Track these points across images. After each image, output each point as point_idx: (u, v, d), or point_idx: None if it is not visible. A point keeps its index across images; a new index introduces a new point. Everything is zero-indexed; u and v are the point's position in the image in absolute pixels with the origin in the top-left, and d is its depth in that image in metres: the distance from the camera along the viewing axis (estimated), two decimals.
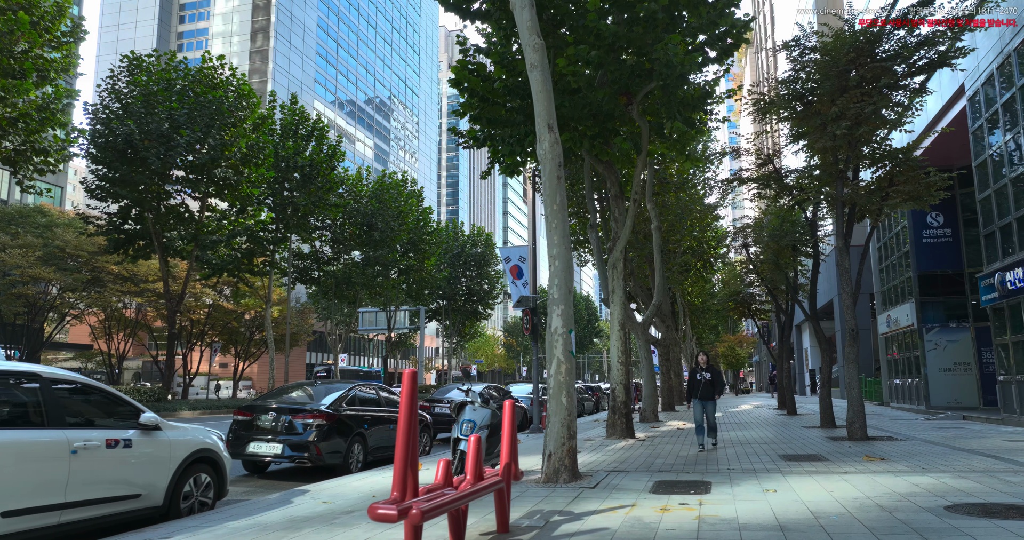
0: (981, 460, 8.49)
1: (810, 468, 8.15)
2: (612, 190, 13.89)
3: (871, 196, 12.10)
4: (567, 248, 8.11)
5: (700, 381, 10.66)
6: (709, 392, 10.58)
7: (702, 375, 10.65)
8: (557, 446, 7.47)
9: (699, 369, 10.73)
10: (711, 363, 10.79)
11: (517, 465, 5.29)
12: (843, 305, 12.20)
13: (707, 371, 10.65)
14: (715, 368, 10.71)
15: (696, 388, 10.70)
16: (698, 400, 10.67)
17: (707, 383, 10.61)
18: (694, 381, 10.74)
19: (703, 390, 10.61)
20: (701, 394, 10.64)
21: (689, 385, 10.87)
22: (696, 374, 10.71)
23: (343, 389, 10.02)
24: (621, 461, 9.36)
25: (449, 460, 4.68)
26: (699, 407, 10.59)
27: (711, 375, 10.63)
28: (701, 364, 10.76)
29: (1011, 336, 14.52)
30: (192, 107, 24.51)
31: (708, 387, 10.60)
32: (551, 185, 8.18)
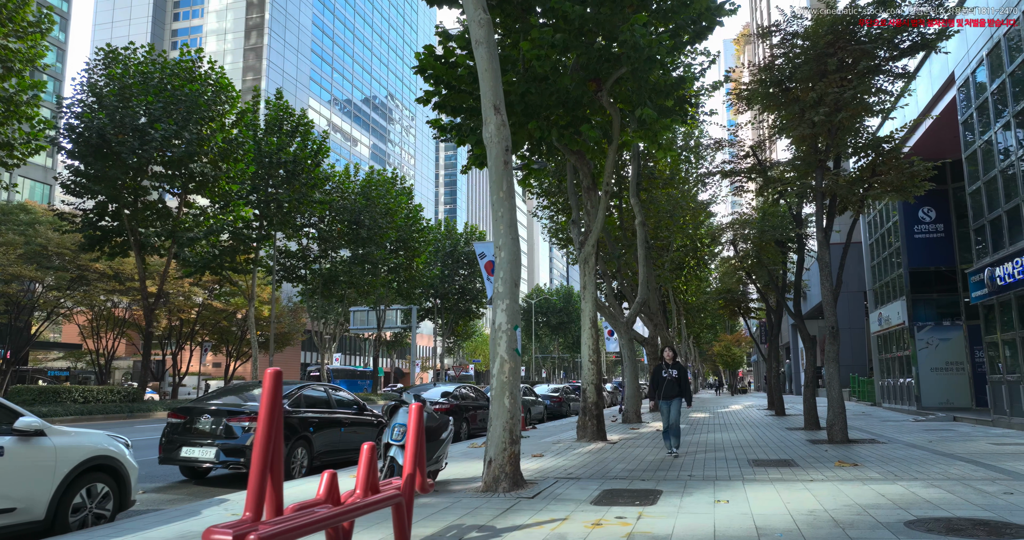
0: (960, 466, 7.92)
1: (776, 475, 7.58)
2: (584, 181, 13.32)
3: (852, 187, 11.53)
4: (514, 239, 7.55)
5: (665, 378, 9.68)
6: (675, 391, 9.64)
7: (668, 372, 9.68)
8: (497, 452, 6.91)
9: (664, 366, 9.79)
10: (678, 360, 9.90)
11: (424, 475, 4.73)
12: (824, 302, 11.63)
13: (673, 368, 9.72)
14: (682, 365, 9.80)
15: (660, 386, 9.73)
16: (663, 400, 9.73)
17: (672, 381, 9.66)
18: (658, 379, 9.77)
19: (667, 388, 9.65)
20: (665, 393, 9.68)
21: (652, 383, 9.96)
22: (661, 371, 9.77)
23: (290, 390, 9.46)
24: (580, 466, 8.80)
25: (335, 472, 4.12)
26: (666, 407, 9.68)
27: (677, 372, 9.68)
28: (667, 360, 9.81)
29: (1001, 334, 13.94)
30: (168, 101, 23.97)
31: (674, 385, 9.66)
32: (497, 171, 7.61)
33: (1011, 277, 12.82)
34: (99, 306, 39.26)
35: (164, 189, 26.04)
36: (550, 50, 11.00)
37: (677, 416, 9.66)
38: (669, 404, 9.69)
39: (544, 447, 11.74)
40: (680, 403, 9.67)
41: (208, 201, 27.59)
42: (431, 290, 51.36)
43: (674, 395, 9.65)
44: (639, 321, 28.41)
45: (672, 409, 9.66)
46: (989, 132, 14.08)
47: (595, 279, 12.90)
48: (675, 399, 9.65)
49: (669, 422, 9.63)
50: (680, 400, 9.66)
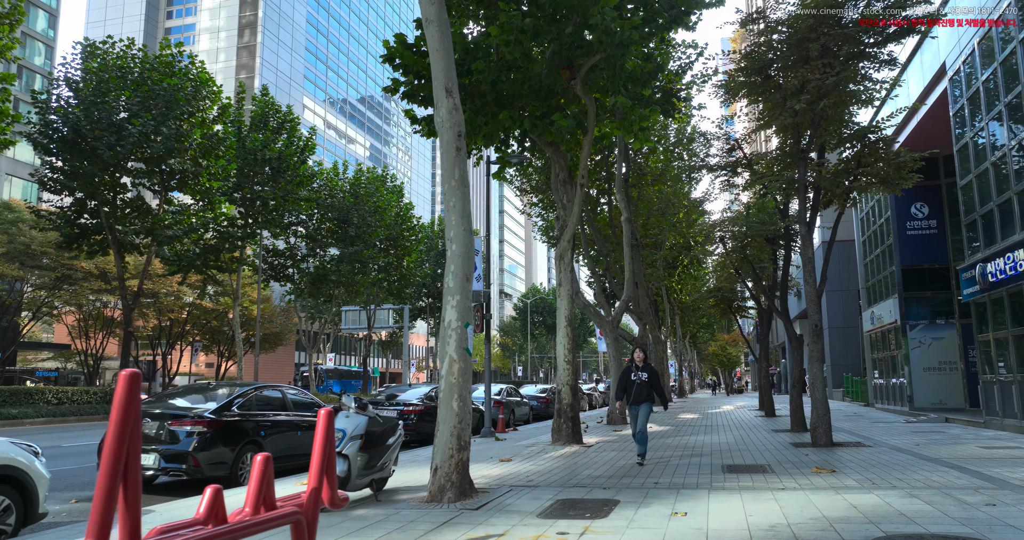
0: (944, 473, 7.44)
1: (747, 483, 7.10)
2: (560, 174, 12.84)
3: (837, 179, 11.04)
4: (467, 231, 7.07)
5: (634, 382, 8.85)
6: (644, 394, 8.81)
7: (637, 375, 8.86)
8: (444, 459, 6.42)
9: (634, 367, 8.97)
10: (649, 361, 9.36)
11: (334, 489, 4.24)
12: (807, 299, 11.14)
13: (643, 370, 8.92)
14: (652, 367, 8.99)
15: (629, 390, 8.93)
16: (631, 405, 8.90)
17: (642, 384, 8.84)
18: (626, 381, 8.96)
19: (636, 392, 8.82)
20: (635, 397, 8.84)
21: (620, 385, 9.12)
22: (630, 373, 8.95)
23: (240, 391, 8.98)
24: (544, 472, 8.32)
25: (219, 488, 3.63)
26: (634, 413, 8.86)
27: (648, 375, 8.88)
28: (636, 361, 8.99)
29: (993, 332, 13.46)
30: (147, 96, 23.47)
31: (643, 389, 8.84)
32: (449, 158, 7.13)
33: (1003, 273, 12.34)
34: (88, 306, 38.78)
35: (145, 186, 25.53)
36: (520, 36, 10.52)
37: (645, 421, 8.92)
38: (638, 409, 8.89)
39: (516, 450, 11.27)
40: (650, 408, 8.91)
41: (190, 198, 27.11)
42: (423, 289, 50.87)
43: (643, 399, 8.87)
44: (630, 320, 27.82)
45: (640, 414, 8.89)
46: (980, 123, 13.60)
47: (572, 275, 12.42)
48: (644, 404, 8.88)
49: (639, 427, 8.96)
50: (649, 405, 8.90)
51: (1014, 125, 12.30)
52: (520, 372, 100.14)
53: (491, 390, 15.30)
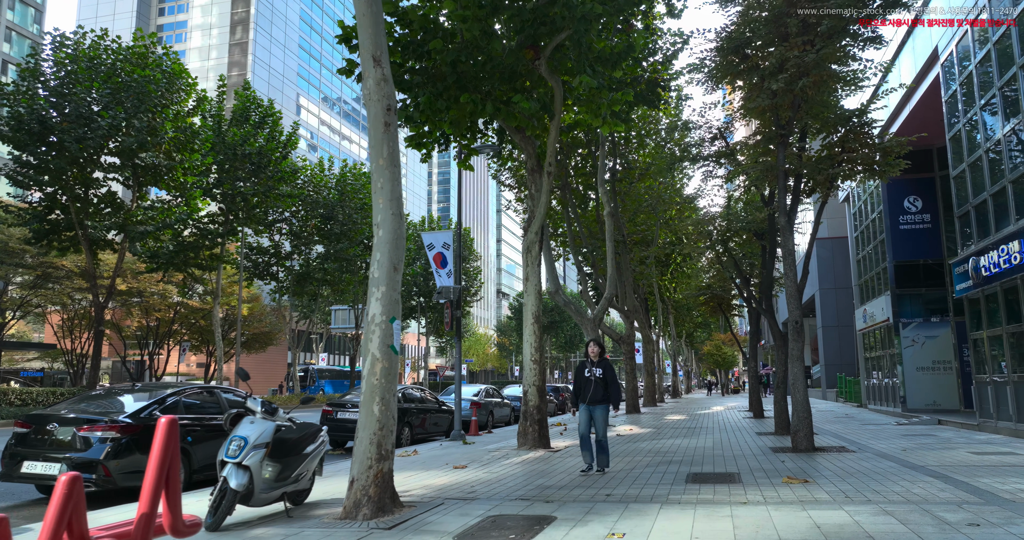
0: (927, 484, 6.73)
1: (708, 495, 6.39)
2: (528, 163, 12.14)
3: (819, 165, 10.33)
4: (396, 215, 6.36)
5: (590, 379, 7.96)
6: (600, 393, 7.89)
7: (591, 371, 7.97)
8: (361, 470, 5.71)
9: (589, 363, 8.08)
10: (605, 356, 8.27)
11: (177, 515, 3.52)
12: (787, 294, 10.44)
13: (599, 366, 8.01)
14: (609, 363, 8.11)
15: (585, 388, 8.01)
16: (585, 405, 7.99)
17: (598, 382, 7.92)
18: (581, 379, 8.06)
19: (593, 391, 7.91)
20: (591, 397, 7.93)
21: (575, 384, 8.17)
22: (584, 370, 8.05)
23: (166, 393, 8.27)
24: (493, 482, 7.61)
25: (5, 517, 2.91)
26: (585, 414, 7.99)
27: (603, 371, 7.96)
28: (592, 357, 8.11)
29: (987, 330, 12.74)
30: (118, 88, 22.76)
31: (599, 388, 7.90)
32: (377, 134, 6.42)
33: (996, 267, 11.62)
34: (73, 304, 38.10)
35: (118, 180, 24.81)
36: (477, 11, 9.83)
37: (604, 426, 7.99)
38: (592, 410, 7.98)
39: (477, 456, 10.56)
40: (607, 410, 7.99)
41: (165, 194, 26.40)
42: (413, 288, 50.18)
43: (600, 400, 7.93)
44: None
45: (597, 416, 7.94)
46: (973, 109, 12.88)
47: (543, 269, 11.71)
48: (601, 405, 7.93)
49: (598, 435, 8.03)
50: (607, 406, 7.98)
51: (1008, 110, 11.59)
52: (517, 372, 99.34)
53: (461, 391, 14.59)
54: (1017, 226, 11.10)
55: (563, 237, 27.85)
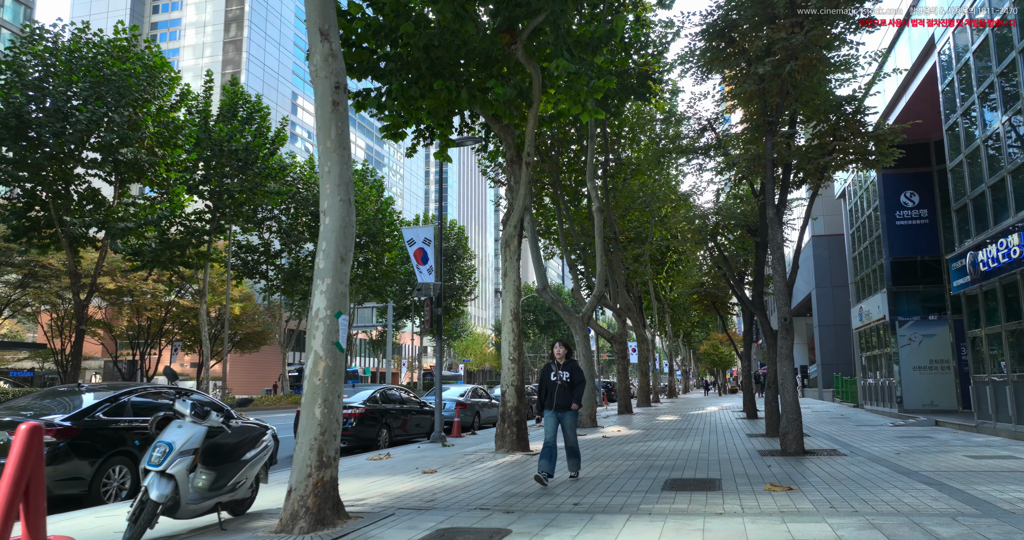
0: (920, 492, 6.24)
1: (682, 504, 5.91)
2: (508, 153, 11.66)
3: (808, 154, 9.84)
4: (344, 201, 5.87)
5: (555, 383, 7.35)
6: (566, 398, 7.26)
7: (557, 374, 7.37)
8: (300, 479, 5.22)
9: (554, 366, 7.48)
10: (573, 357, 7.66)
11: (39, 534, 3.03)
12: (775, 289, 9.95)
13: (565, 368, 7.41)
14: (576, 364, 7.47)
15: (550, 393, 7.37)
16: (550, 411, 7.34)
17: (564, 386, 7.30)
18: (547, 382, 7.46)
19: (560, 396, 7.28)
20: (557, 401, 7.28)
21: (540, 389, 7.56)
22: (550, 373, 7.47)
23: (111, 394, 7.78)
24: (457, 489, 7.13)
25: None
26: (552, 421, 7.31)
27: (570, 374, 7.37)
28: (557, 358, 7.49)
29: (985, 328, 12.25)
30: (98, 81, 22.27)
31: (565, 392, 7.28)
32: (324, 114, 5.94)
33: (995, 261, 11.14)
34: (63, 304, 37.62)
35: (100, 176, 24.31)
36: None
37: (574, 433, 7.39)
38: (560, 417, 7.31)
39: (451, 459, 10.08)
40: (576, 416, 7.37)
41: (149, 190, 25.90)
42: (407, 287, 49.66)
43: (567, 405, 7.26)
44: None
45: (566, 423, 7.28)
46: (971, 98, 12.39)
47: (518, 265, 11.23)
48: (569, 412, 7.28)
49: (568, 442, 7.44)
50: (576, 413, 7.36)
51: (1007, 99, 11.10)
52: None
53: (441, 391, 14.10)
54: (1016, 218, 10.62)
55: (555, 235, 27.44)
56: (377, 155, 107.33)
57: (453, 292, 50.64)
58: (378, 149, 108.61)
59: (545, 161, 22.04)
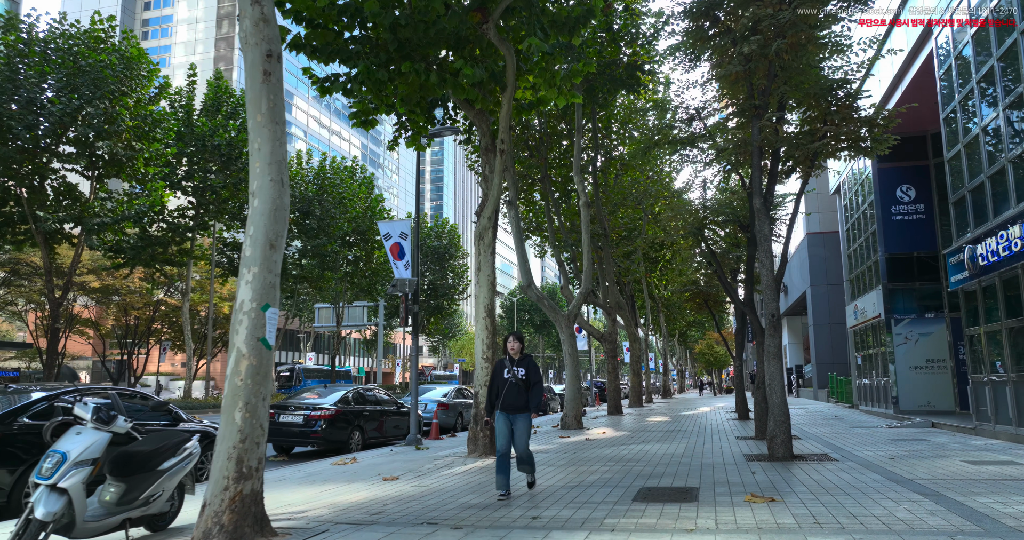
0: (914, 505, 5.66)
1: (651, 518, 5.33)
2: (482, 141, 11.07)
3: (797, 140, 9.27)
4: (276, 181, 5.28)
5: (507, 381, 6.42)
6: (520, 398, 6.34)
7: (511, 371, 6.46)
8: (215, 492, 4.62)
9: (508, 361, 6.56)
10: (529, 354, 6.88)
11: None
12: (763, 284, 9.38)
13: (520, 364, 6.52)
14: (533, 361, 6.61)
15: (501, 392, 6.43)
16: (502, 412, 6.40)
17: (518, 385, 6.38)
18: (498, 380, 6.53)
19: (508, 395, 6.35)
20: (506, 402, 6.34)
21: (490, 387, 6.63)
22: (503, 370, 6.54)
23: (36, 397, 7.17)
24: (410, 499, 6.54)
25: None
26: (505, 425, 6.36)
27: (525, 372, 6.48)
28: (511, 353, 6.59)
29: (984, 325, 11.69)
30: (72, 72, 21.65)
31: (520, 391, 6.36)
32: (254, 85, 5.35)
33: (995, 255, 10.57)
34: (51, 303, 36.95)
35: (76, 171, 23.68)
36: None
37: (526, 438, 6.37)
38: (512, 420, 6.37)
39: (419, 465, 9.50)
40: (529, 419, 6.42)
41: (129, 184, 25.29)
42: None
43: (522, 406, 6.36)
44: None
45: (518, 427, 6.35)
46: (970, 84, 11.83)
47: (492, 259, 10.64)
48: (522, 413, 6.38)
49: (517, 448, 6.40)
50: (529, 415, 6.42)
51: (1007, 84, 10.53)
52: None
53: (417, 391, 13.50)
54: (1017, 209, 10.07)
55: (547, 232, 26.92)
56: (373, 154, 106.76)
57: (446, 291, 50.04)
58: (374, 148, 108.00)
59: (534, 156, 21.50)
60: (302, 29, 10.12)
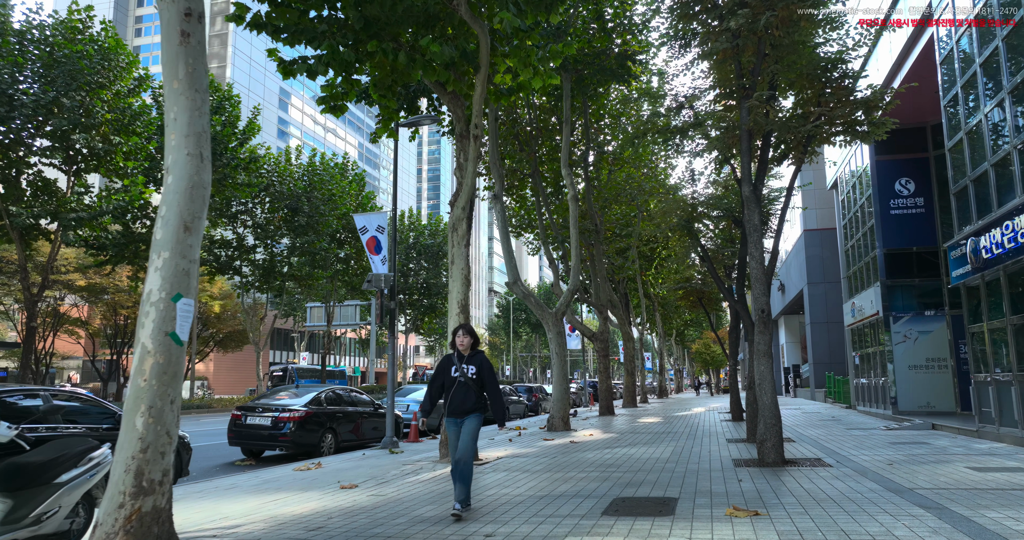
0: (914, 520, 5.06)
1: (617, 535, 4.72)
2: (457, 127, 10.45)
3: (789, 123, 8.66)
4: (193, 155, 4.66)
5: (455, 380, 5.63)
6: (469, 399, 5.57)
7: (460, 369, 5.65)
8: (109, 510, 4.01)
9: (457, 357, 5.76)
10: (480, 349, 5.91)
11: None
12: (752, 277, 8.78)
13: (470, 362, 5.72)
14: (484, 357, 5.76)
15: (447, 391, 5.68)
16: (450, 417, 5.63)
17: (468, 385, 5.59)
18: (446, 379, 5.72)
19: (456, 396, 5.58)
20: (452, 405, 5.58)
21: (431, 385, 5.82)
22: (451, 367, 5.73)
23: None
24: (360, 512, 5.94)
25: None
26: (454, 431, 5.60)
27: (476, 369, 5.67)
28: (460, 348, 5.78)
29: (988, 322, 11.09)
30: (47, 64, 21.03)
31: (470, 392, 5.59)
32: (171, 48, 4.74)
33: (1000, 247, 9.97)
34: (40, 301, 36.31)
35: (54, 165, 23.05)
36: None
37: (471, 443, 5.49)
38: (460, 423, 5.60)
39: (385, 471, 8.89)
40: (479, 421, 5.62)
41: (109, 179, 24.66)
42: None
43: (470, 408, 5.58)
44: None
45: (465, 431, 5.53)
46: (972, 67, 11.22)
47: (465, 251, 10.04)
48: (471, 415, 5.58)
49: (458, 453, 5.50)
50: (479, 417, 5.62)
51: (1011, 67, 9.93)
52: (508, 371, 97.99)
53: (393, 394, 12.89)
54: (1023, 198, 9.46)
55: (537, 229, 26.33)
56: (371, 154, 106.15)
57: (440, 289, 49.41)
58: (371, 148, 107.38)
59: (524, 150, 20.93)
60: (264, 7, 9.51)
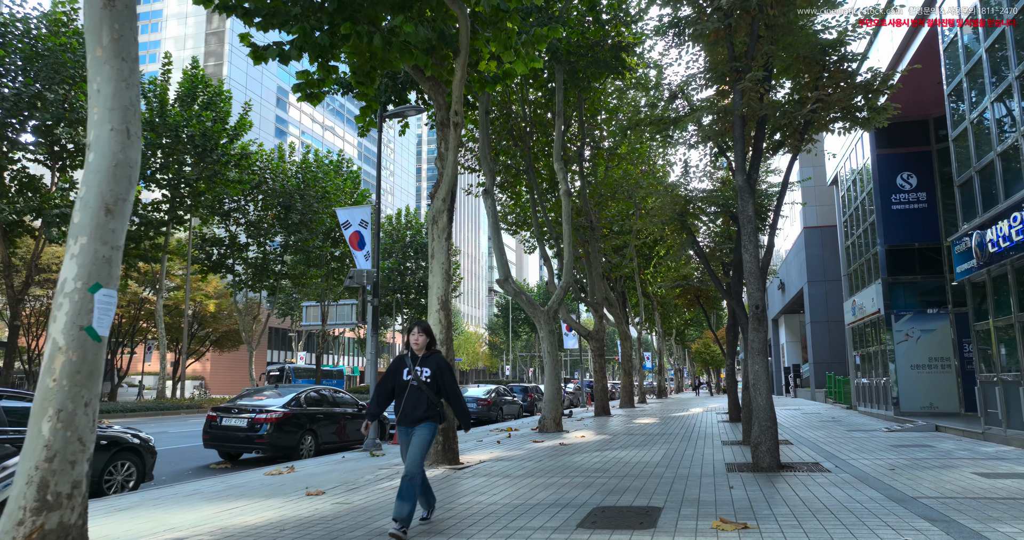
0: (919, 535, 4.59)
1: None
2: (438, 115, 9.99)
3: (785, 108, 8.19)
4: (118, 131, 4.20)
5: (407, 383, 5.08)
6: (421, 406, 5.01)
7: (413, 371, 5.07)
8: (7, 528, 3.55)
9: (410, 359, 5.16)
10: (437, 348, 5.31)
11: None
12: (746, 271, 8.31)
13: (425, 364, 5.13)
14: (442, 358, 5.19)
15: (398, 396, 5.13)
16: (401, 425, 5.09)
17: (421, 389, 5.03)
18: (396, 382, 5.16)
19: (408, 402, 5.02)
20: (404, 411, 5.02)
21: (379, 389, 5.25)
22: (403, 369, 5.14)
23: None
24: (318, 522, 5.48)
25: None
26: (403, 439, 5.09)
27: (431, 374, 5.09)
28: (414, 348, 5.17)
29: (994, 319, 10.61)
30: (29, 57, 20.62)
31: (420, 397, 5.02)
32: (93, 11, 4.30)
33: (1007, 240, 9.49)
34: (30, 300, 35.94)
35: (40, 161, 22.65)
36: None
37: (421, 454, 4.86)
38: (411, 433, 5.04)
39: (358, 476, 8.44)
40: (432, 431, 5.02)
41: None
42: (388, 284, 48.03)
43: (422, 416, 5.01)
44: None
45: (415, 441, 4.94)
46: (978, 52, 10.74)
47: (445, 244, 9.57)
48: (423, 423, 5.02)
49: (407, 467, 4.84)
50: (432, 426, 5.03)
51: (1019, 52, 9.46)
52: (508, 371, 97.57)
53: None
54: None
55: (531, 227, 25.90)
56: (370, 153, 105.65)
57: None
58: (371, 147, 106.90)
59: (519, 146, 20.48)
60: None
